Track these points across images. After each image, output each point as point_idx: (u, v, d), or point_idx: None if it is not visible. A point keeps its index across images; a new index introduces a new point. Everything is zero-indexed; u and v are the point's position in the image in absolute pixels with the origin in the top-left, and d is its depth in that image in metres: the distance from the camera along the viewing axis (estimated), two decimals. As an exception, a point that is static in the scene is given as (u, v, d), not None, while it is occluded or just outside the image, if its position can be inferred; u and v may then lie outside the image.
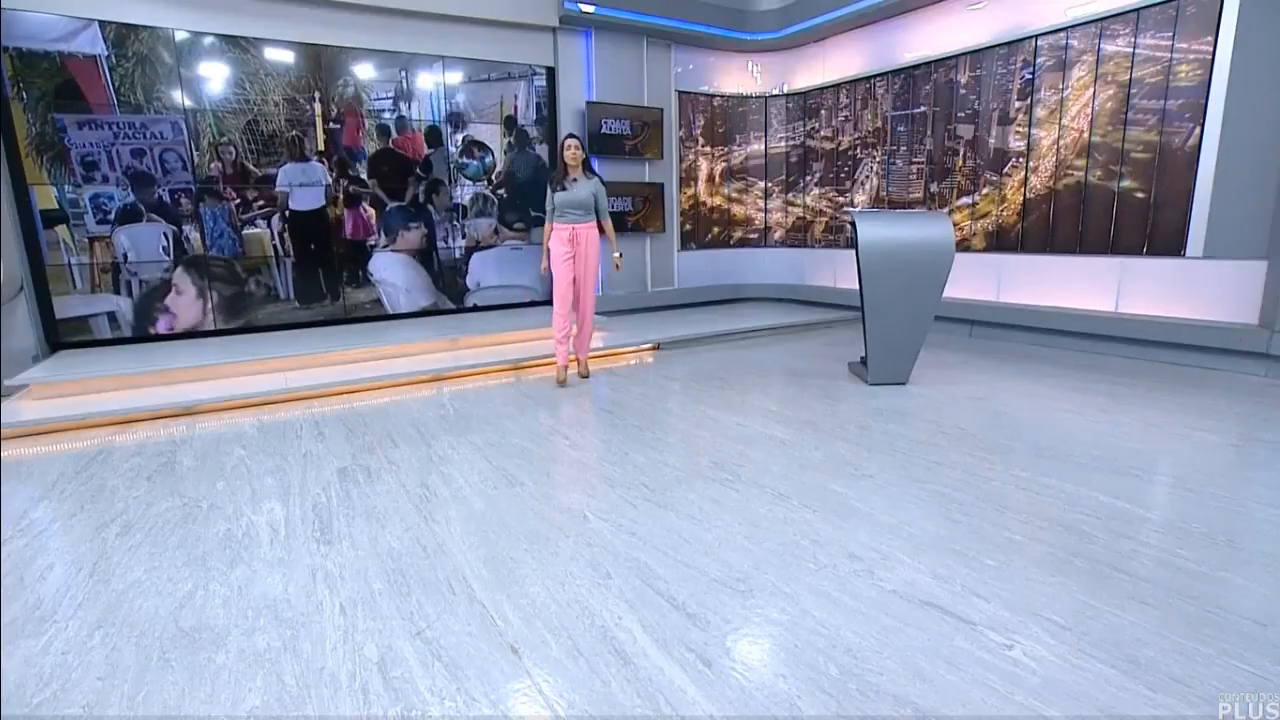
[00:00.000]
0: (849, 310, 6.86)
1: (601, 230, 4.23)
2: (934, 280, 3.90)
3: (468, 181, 4.64)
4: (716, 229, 7.82)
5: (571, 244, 4.10)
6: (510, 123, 5.15)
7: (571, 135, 4.14)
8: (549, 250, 4.17)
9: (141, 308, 4.19)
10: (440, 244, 4.38)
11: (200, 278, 4.26)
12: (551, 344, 4.46)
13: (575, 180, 4.11)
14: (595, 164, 4.16)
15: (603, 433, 3.41)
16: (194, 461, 3.09)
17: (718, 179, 7.73)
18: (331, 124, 4.64)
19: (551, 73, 6.41)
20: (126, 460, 3.12)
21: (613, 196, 6.80)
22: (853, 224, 3.98)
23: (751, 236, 7.99)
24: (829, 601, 1.83)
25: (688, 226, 7.59)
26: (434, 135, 4.97)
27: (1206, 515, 2.30)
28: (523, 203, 5.60)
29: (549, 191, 4.13)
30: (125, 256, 3.47)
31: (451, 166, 4.76)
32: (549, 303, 6.67)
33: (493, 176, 5.16)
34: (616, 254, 4.32)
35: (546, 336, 5.58)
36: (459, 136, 4.71)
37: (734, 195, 7.85)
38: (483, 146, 4.75)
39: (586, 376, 4.48)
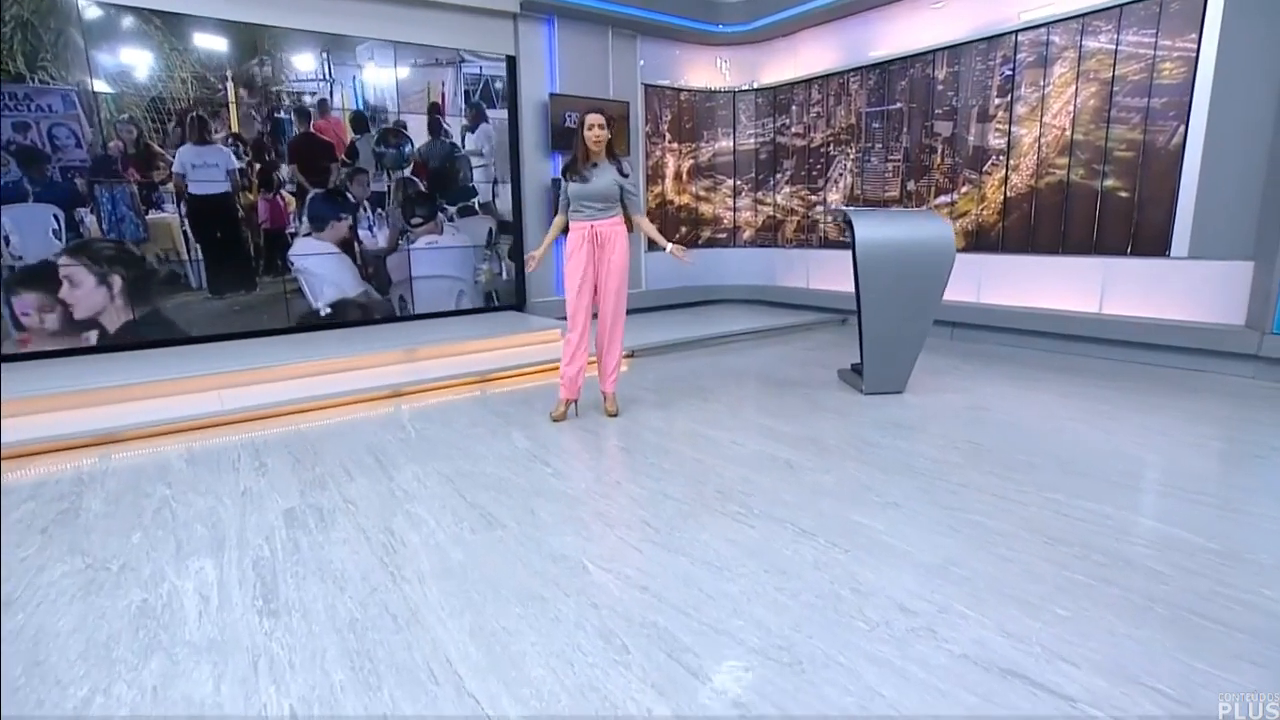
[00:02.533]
0: (824, 312, 6.69)
1: (632, 227, 3.52)
2: (934, 283, 3.69)
3: (387, 170, 4.37)
4: (685, 228, 7.53)
5: (591, 244, 3.39)
6: (435, 110, 4.74)
7: (595, 111, 3.34)
8: (550, 244, 3.60)
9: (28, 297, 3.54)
10: (365, 234, 4.04)
11: (96, 264, 3.72)
12: (509, 353, 4.00)
13: (596, 166, 3.36)
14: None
15: (587, 458, 3.05)
16: (105, 506, 2.59)
17: (685, 176, 7.45)
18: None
19: (512, 61, 5.99)
20: (17, 507, 2.60)
21: (579, 194, 6.43)
22: (849, 223, 3.73)
23: (720, 236, 7.74)
24: (895, 674, 1.53)
25: (655, 226, 7.26)
26: (359, 121, 4.53)
27: (1268, 542, 2.11)
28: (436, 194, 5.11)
29: (562, 181, 3.48)
30: (7, 240, 2.95)
31: (374, 154, 4.46)
32: (506, 307, 6.29)
33: (412, 165, 4.79)
34: (669, 245, 3.42)
35: (512, 345, 5.19)
36: (381, 123, 4.43)
37: (702, 193, 7.58)
38: (398, 134, 4.39)
39: (615, 415, 3.59)
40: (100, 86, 3.59)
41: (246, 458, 3.11)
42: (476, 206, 5.13)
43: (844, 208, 3.95)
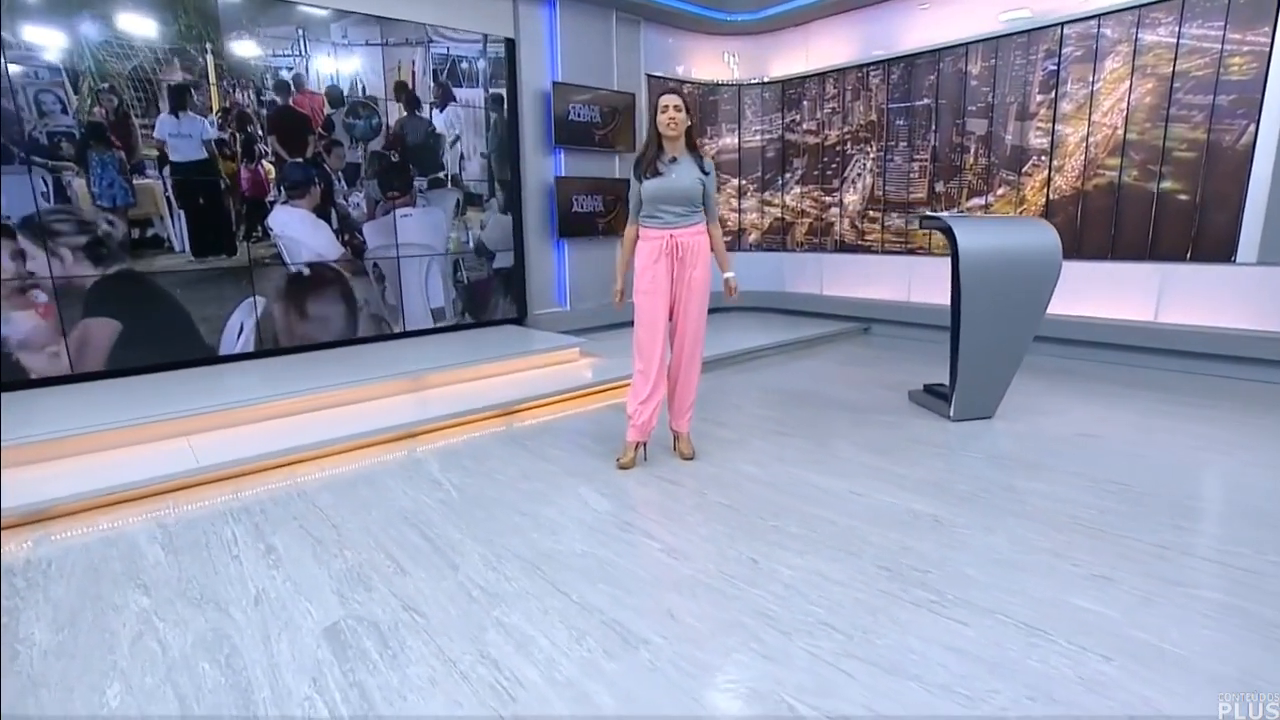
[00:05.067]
0: (842, 320, 6.30)
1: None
2: (1038, 297, 3.30)
3: (359, 142, 4.45)
4: (688, 232, 7.00)
5: (670, 257, 2.82)
6: (401, 89, 4.64)
7: (670, 91, 2.75)
8: (629, 265, 2.90)
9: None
10: (341, 202, 4.34)
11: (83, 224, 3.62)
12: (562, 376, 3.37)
13: (675, 161, 2.76)
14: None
15: (693, 522, 2.47)
16: (54, 634, 1.84)
17: (689, 176, 6.91)
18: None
19: (511, 45, 5.32)
20: (-75, 640, 1.82)
21: (581, 195, 5.85)
22: (947, 231, 3.29)
23: (724, 240, 7.23)
24: None
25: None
26: (335, 96, 4.44)
27: None
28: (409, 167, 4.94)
29: (632, 181, 2.81)
30: None
31: (345, 126, 4.46)
32: (505, 321, 5.62)
33: (384, 138, 4.72)
34: (730, 275, 2.93)
35: (526, 368, 4.54)
36: (351, 98, 4.44)
37: (706, 194, 7.06)
38: (367, 108, 4.46)
39: (691, 458, 3.04)
40: (80, 52, 3.41)
41: (245, 537, 2.38)
42: (446, 180, 5.03)
43: (939, 214, 3.51)
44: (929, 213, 4.52)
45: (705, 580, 2.04)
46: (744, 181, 7.10)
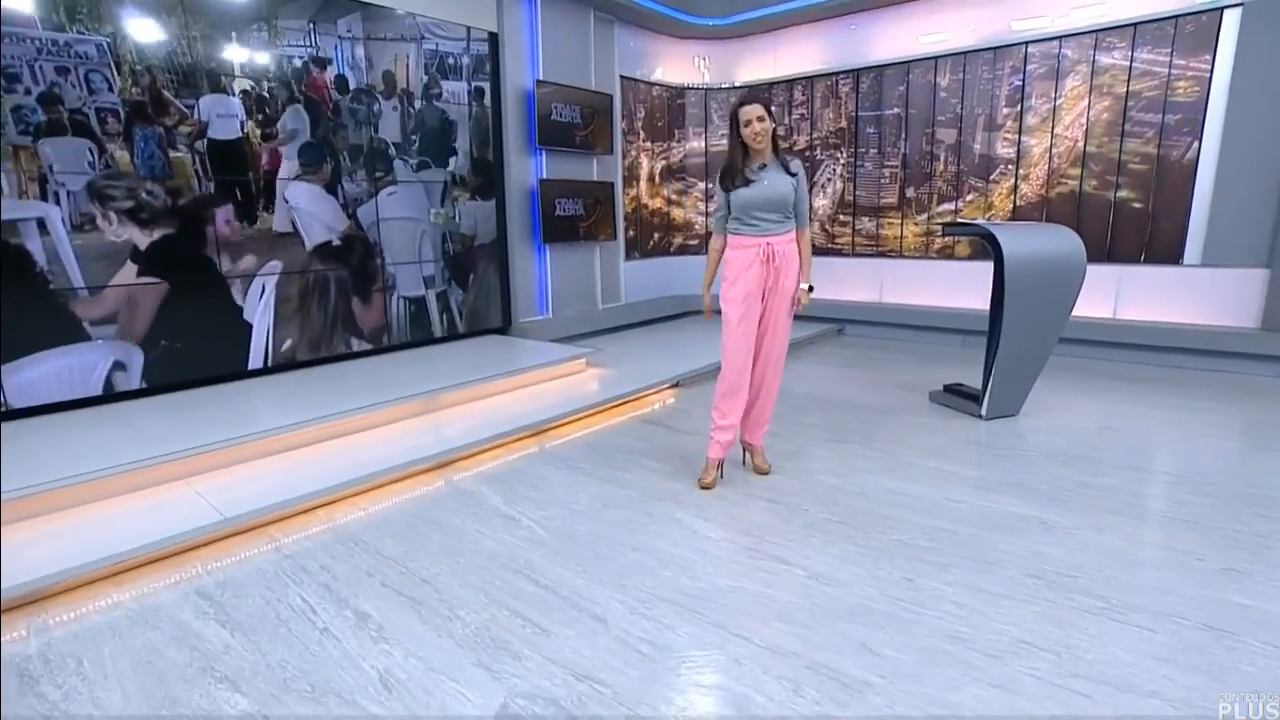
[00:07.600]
0: (815, 322, 6.41)
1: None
2: (1066, 299, 3.47)
3: (361, 127, 4.62)
4: (658, 235, 6.91)
5: (765, 265, 2.64)
6: (388, 78, 4.67)
7: (752, 101, 2.62)
8: (717, 277, 2.79)
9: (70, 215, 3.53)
10: (346, 180, 4.56)
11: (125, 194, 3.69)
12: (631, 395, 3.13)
13: (764, 168, 2.65)
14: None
15: (815, 541, 2.35)
16: (142, 752, 1.44)
17: (658, 178, 6.82)
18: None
19: (495, 39, 4.98)
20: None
21: (563, 198, 5.59)
22: (987, 237, 3.39)
23: (691, 243, 7.20)
24: None
25: (631, 232, 6.57)
26: (342, 83, 4.51)
27: None
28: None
29: (719, 191, 2.72)
30: (52, 168, 3.44)
31: (350, 112, 4.56)
32: (489, 330, 5.25)
33: (410, 123, 4.88)
34: (806, 285, 2.74)
35: (536, 381, 4.26)
36: (354, 87, 4.58)
37: (674, 197, 7.00)
38: (369, 95, 4.62)
39: (767, 472, 2.94)
40: (122, 36, 3.62)
41: (320, 602, 2.01)
42: (433, 163, 5.03)
43: (979, 221, 3.61)
44: (960, 220, 4.62)
45: (875, 606, 1.93)
46: (710, 185, 7.09)
